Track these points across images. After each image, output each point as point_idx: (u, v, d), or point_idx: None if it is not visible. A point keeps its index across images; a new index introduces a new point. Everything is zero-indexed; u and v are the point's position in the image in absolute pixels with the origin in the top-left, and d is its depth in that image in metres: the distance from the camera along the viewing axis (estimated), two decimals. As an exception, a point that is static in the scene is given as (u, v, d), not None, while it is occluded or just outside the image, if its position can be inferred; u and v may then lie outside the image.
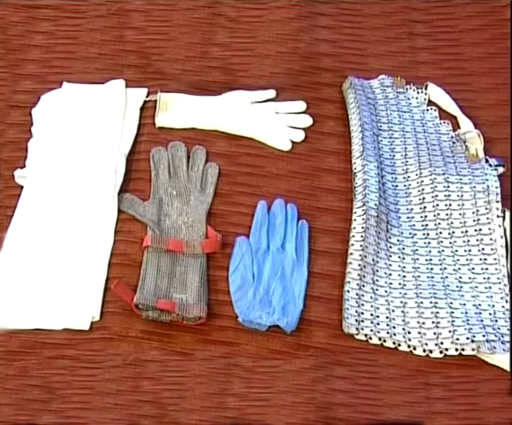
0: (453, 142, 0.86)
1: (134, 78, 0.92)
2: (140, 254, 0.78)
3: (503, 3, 1.00)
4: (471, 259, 0.78)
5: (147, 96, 0.90)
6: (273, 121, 0.89)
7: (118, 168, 0.83)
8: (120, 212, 0.81)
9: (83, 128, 0.87)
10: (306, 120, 0.89)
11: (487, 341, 0.71)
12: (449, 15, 1.00)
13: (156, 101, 0.89)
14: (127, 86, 0.91)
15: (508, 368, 0.71)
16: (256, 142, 0.88)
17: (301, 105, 0.90)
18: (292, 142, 0.88)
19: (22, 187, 0.83)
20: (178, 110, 0.89)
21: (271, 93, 0.91)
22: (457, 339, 0.71)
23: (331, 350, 0.73)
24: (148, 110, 0.89)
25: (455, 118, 0.89)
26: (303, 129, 0.89)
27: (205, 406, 0.70)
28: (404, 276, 0.77)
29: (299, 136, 0.88)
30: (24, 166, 0.84)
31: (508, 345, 0.71)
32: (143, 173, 0.85)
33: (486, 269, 0.77)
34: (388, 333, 0.73)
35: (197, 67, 0.94)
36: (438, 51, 0.96)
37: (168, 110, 0.89)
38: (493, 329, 0.72)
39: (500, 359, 0.71)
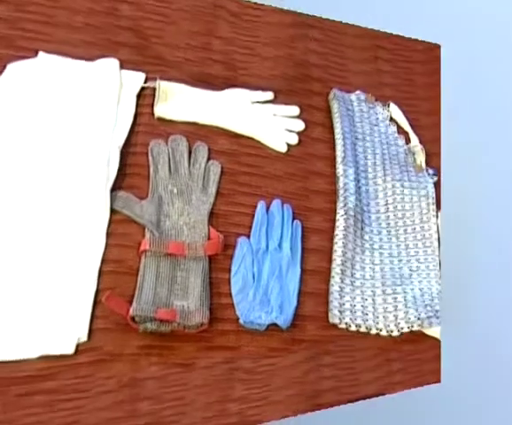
0: (406, 154, 1.01)
1: (129, 59, 0.81)
2: (136, 260, 0.71)
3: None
4: (418, 252, 0.94)
5: (145, 82, 0.81)
6: (271, 123, 0.89)
7: (111, 161, 0.73)
8: (113, 211, 0.72)
9: (67, 112, 0.73)
10: (299, 125, 0.92)
11: (428, 317, 0.87)
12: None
13: (155, 89, 0.80)
14: (121, 67, 0.79)
15: (439, 337, 0.87)
16: (256, 141, 0.87)
17: (295, 110, 0.92)
18: (287, 145, 0.90)
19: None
20: (178, 101, 0.83)
21: (269, 95, 0.91)
22: (409, 319, 0.86)
23: (321, 341, 0.78)
24: (146, 97, 0.80)
25: (407, 133, 1.02)
26: (297, 133, 0.91)
27: (206, 417, 0.68)
28: (373, 269, 0.89)
29: (294, 139, 0.91)
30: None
31: (440, 319, 0.87)
32: (139, 168, 0.77)
33: (426, 259, 0.94)
34: (362, 320, 0.84)
35: (198, 58, 0.88)
36: (397, 76, 1.06)
37: (168, 100, 0.81)
38: (431, 307, 0.88)
39: (435, 331, 0.88)
